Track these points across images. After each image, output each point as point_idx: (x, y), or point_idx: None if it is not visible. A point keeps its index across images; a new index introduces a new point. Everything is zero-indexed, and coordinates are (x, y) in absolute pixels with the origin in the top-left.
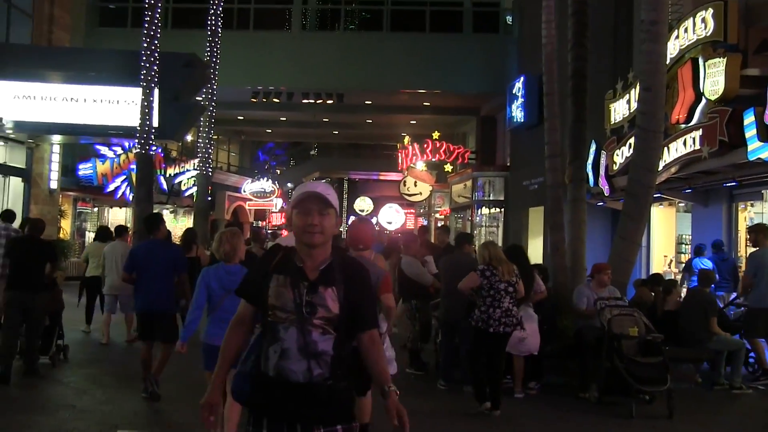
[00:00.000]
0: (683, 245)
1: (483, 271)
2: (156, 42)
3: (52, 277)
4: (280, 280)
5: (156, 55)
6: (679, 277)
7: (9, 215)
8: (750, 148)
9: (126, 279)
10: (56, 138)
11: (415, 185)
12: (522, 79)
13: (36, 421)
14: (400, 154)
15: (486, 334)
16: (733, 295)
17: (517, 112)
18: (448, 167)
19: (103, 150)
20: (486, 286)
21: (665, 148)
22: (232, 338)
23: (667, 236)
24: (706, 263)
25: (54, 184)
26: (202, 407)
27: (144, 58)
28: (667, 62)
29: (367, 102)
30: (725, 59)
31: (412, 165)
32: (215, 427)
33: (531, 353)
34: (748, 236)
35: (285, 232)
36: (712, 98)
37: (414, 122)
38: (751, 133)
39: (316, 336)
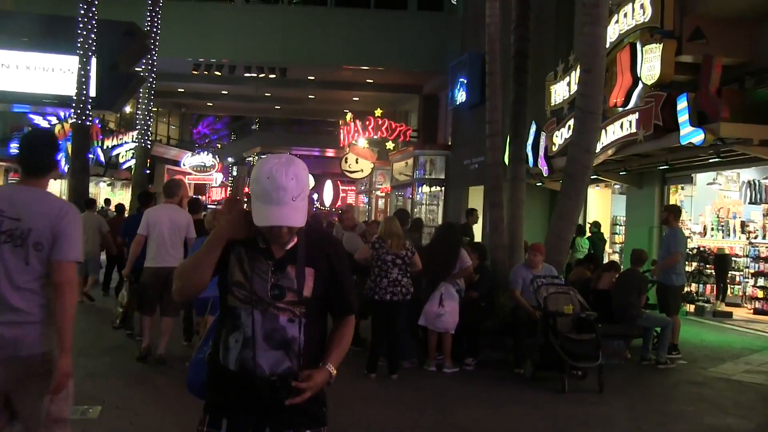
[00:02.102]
0: (617, 226)
1: (373, 244)
2: (93, 9)
3: None
4: (241, 253)
5: (94, 22)
6: (614, 257)
7: None
8: (682, 132)
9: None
10: None
11: (357, 162)
12: (465, 57)
13: None
14: (342, 131)
15: (375, 302)
16: None
17: (459, 91)
18: (390, 145)
19: (37, 119)
20: (375, 257)
21: (603, 131)
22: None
23: (602, 217)
24: (585, 242)
25: None
26: (232, 216)
27: (81, 25)
28: (607, 46)
29: (309, 77)
30: (661, 45)
31: (354, 142)
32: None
33: (447, 331)
34: (662, 215)
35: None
36: (649, 83)
37: (356, 99)
38: (683, 118)
39: (283, 322)
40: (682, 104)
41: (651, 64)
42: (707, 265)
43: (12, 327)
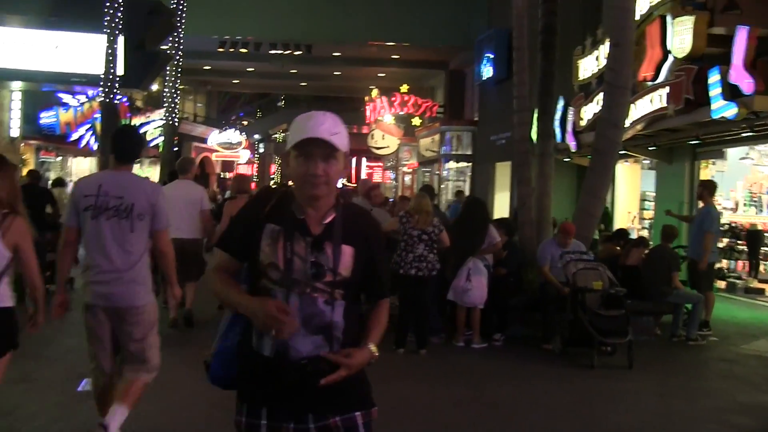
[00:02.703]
0: (647, 202)
1: (401, 218)
2: None
3: (56, 217)
4: (276, 233)
5: (120, 1)
6: (644, 233)
7: None
8: (714, 106)
9: None
10: (17, 84)
11: (383, 138)
12: (491, 33)
13: None
14: (368, 107)
15: (400, 277)
16: None
17: (486, 67)
18: (416, 121)
19: (66, 98)
20: (402, 231)
21: (632, 105)
22: (224, 277)
23: (631, 193)
24: None
25: (15, 132)
26: (268, 317)
27: (108, 3)
28: (636, 19)
29: (335, 54)
30: (693, 17)
31: (380, 118)
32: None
33: (475, 305)
34: (697, 191)
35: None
36: (679, 56)
37: (382, 75)
38: (715, 91)
39: (321, 305)
40: (714, 77)
41: (682, 36)
42: (739, 242)
43: (120, 284)
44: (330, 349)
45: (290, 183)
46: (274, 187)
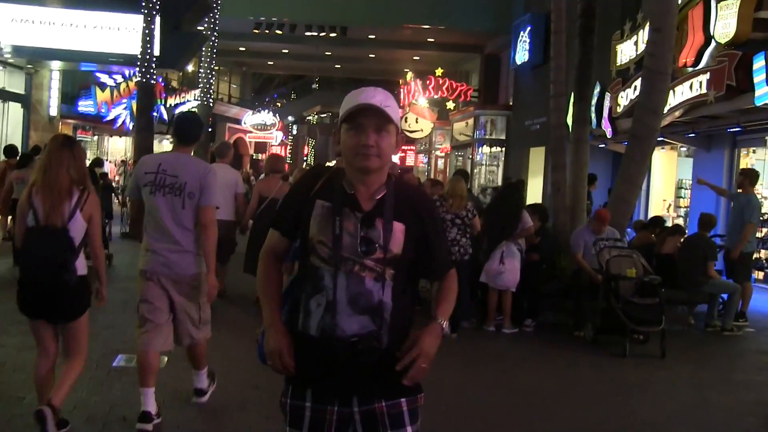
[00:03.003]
0: (683, 190)
1: (435, 202)
2: None
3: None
4: (326, 209)
5: None
6: (679, 221)
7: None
8: (757, 93)
9: None
10: (56, 64)
11: (417, 122)
12: (528, 17)
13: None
14: (402, 90)
15: None
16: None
17: (522, 51)
18: (450, 105)
19: (104, 78)
20: None
21: (671, 91)
22: (269, 272)
23: (667, 180)
24: None
25: (54, 111)
26: (271, 356)
27: None
28: (678, 3)
29: (370, 36)
30: (739, 1)
31: (414, 101)
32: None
33: (508, 288)
34: (737, 179)
35: None
36: (722, 41)
37: (417, 58)
38: (759, 77)
39: (370, 284)
40: (759, 63)
41: (726, 21)
42: None
43: (175, 253)
44: (377, 330)
45: (327, 164)
46: (322, 165)
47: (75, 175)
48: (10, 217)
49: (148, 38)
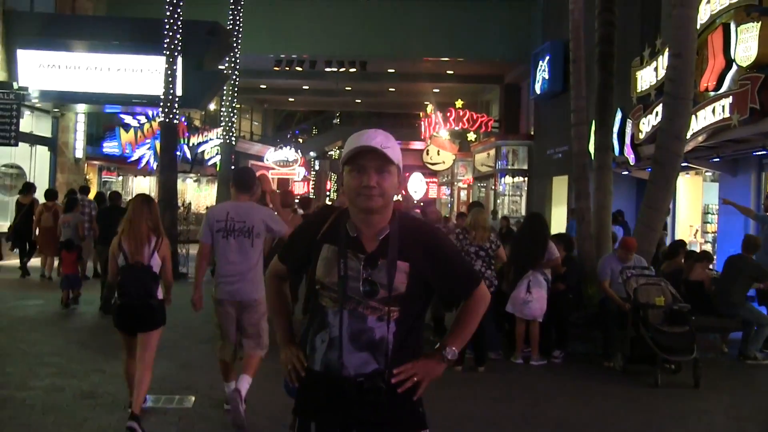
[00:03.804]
0: (710, 215)
1: (457, 235)
2: (179, 10)
3: None
4: (331, 251)
5: (179, 23)
6: (707, 246)
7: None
8: None
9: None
10: (81, 107)
11: (438, 154)
12: (547, 45)
13: (69, 384)
14: (423, 123)
15: None
16: None
17: (542, 80)
18: (471, 136)
19: (128, 119)
20: (459, 248)
21: (694, 116)
22: (279, 292)
23: (693, 206)
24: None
25: (79, 153)
26: (285, 364)
27: (167, 26)
28: (697, 28)
29: (390, 70)
30: (759, 23)
31: (435, 133)
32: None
33: (535, 318)
34: (765, 202)
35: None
36: (744, 64)
37: (437, 90)
38: None
39: (372, 322)
40: None
41: (747, 44)
42: None
43: (242, 283)
44: (378, 366)
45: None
46: (331, 206)
47: (151, 225)
48: (57, 258)
49: (170, 79)
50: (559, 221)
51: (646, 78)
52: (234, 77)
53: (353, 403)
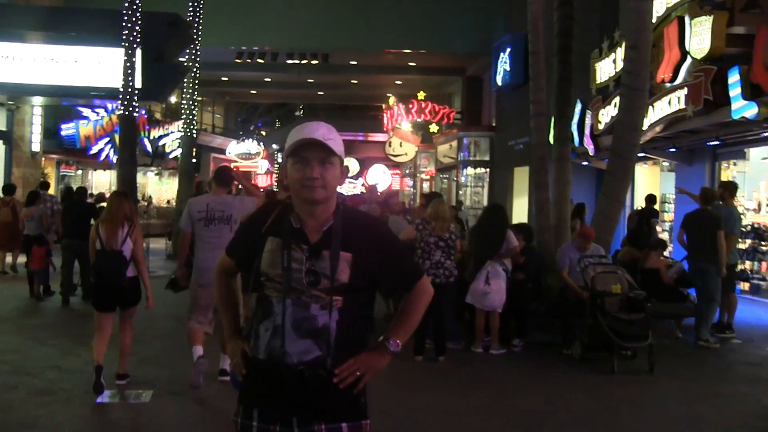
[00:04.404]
0: (666, 204)
1: (417, 225)
2: (137, 1)
3: None
4: (275, 244)
5: (138, 14)
6: (664, 235)
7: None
8: (734, 106)
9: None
10: (37, 100)
11: (401, 146)
12: (508, 38)
13: (22, 381)
14: (385, 115)
15: None
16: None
17: (503, 72)
18: (434, 128)
19: (86, 112)
20: (419, 239)
21: (650, 107)
22: (226, 287)
23: None
24: None
25: (36, 147)
26: (231, 358)
27: (126, 17)
28: (654, 20)
29: (352, 62)
30: (712, 17)
31: (397, 125)
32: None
33: (494, 309)
34: (717, 192)
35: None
36: (698, 57)
37: (399, 83)
38: (735, 91)
39: (315, 310)
40: (733, 77)
41: (700, 37)
42: (762, 243)
43: None
44: (323, 356)
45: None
46: (274, 201)
47: (128, 214)
48: (10, 253)
49: (129, 71)
50: (520, 212)
51: (605, 70)
52: (195, 70)
53: (294, 391)
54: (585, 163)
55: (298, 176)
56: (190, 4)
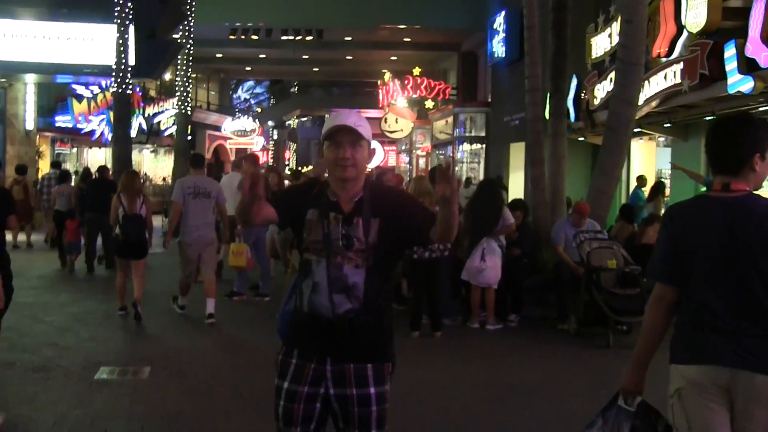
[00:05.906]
0: (663, 179)
1: None
2: None
3: None
4: (315, 215)
5: None
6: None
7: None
8: (730, 81)
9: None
10: (30, 77)
11: (396, 122)
12: (503, 13)
13: (20, 358)
14: (380, 91)
15: (412, 261)
16: None
17: (498, 47)
18: (429, 104)
19: (80, 89)
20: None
21: (646, 82)
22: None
23: (646, 171)
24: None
25: (30, 125)
26: None
27: None
28: None
29: (347, 38)
30: None
31: (392, 101)
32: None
33: (489, 285)
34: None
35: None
36: (694, 31)
37: (394, 59)
38: (731, 65)
39: (347, 269)
40: (729, 51)
41: (696, 11)
42: None
43: (203, 230)
44: (351, 305)
45: (304, 170)
46: (314, 179)
47: (140, 188)
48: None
49: (122, 48)
50: (516, 187)
51: (601, 44)
52: (188, 46)
53: (328, 337)
54: (581, 138)
55: (332, 156)
56: None
